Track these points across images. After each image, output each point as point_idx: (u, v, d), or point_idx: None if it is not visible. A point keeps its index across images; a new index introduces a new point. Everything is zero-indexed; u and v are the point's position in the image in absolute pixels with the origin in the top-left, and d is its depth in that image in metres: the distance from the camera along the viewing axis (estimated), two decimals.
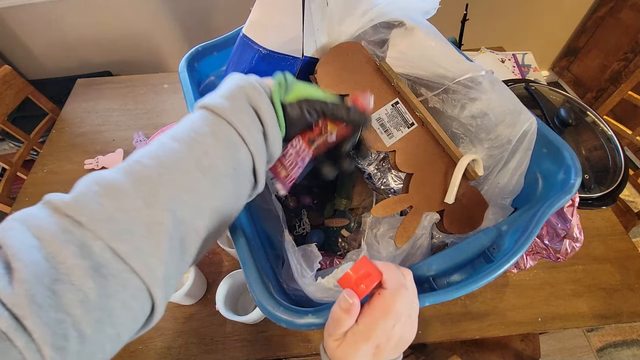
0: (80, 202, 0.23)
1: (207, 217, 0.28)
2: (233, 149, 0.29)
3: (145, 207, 0.24)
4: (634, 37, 1.66)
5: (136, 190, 0.24)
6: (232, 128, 0.29)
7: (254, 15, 0.46)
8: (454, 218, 0.47)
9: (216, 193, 0.28)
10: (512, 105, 0.46)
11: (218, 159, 0.28)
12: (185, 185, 0.26)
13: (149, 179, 0.25)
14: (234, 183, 0.30)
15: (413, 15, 0.50)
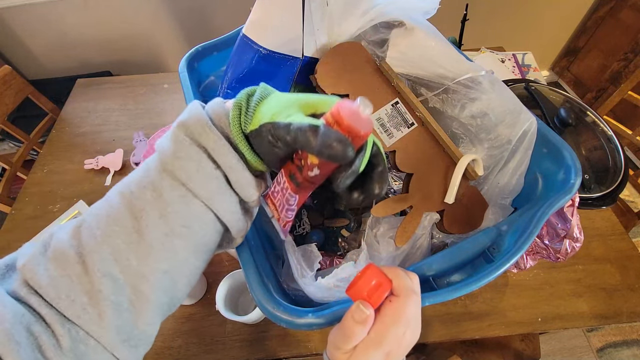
0: (29, 266, 0.24)
1: (154, 280, 0.26)
2: (180, 204, 0.26)
3: (84, 273, 0.24)
4: (634, 37, 1.66)
5: (77, 254, 0.24)
6: (175, 179, 0.26)
7: (254, 15, 0.46)
8: (454, 218, 0.47)
9: (160, 255, 0.26)
10: (512, 105, 0.46)
11: (159, 219, 0.25)
12: (122, 249, 0.25)
13: (88, 242, 0.25)
14: (189, 241, 0.27)
15: (413, 15, 0.50)
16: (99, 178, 0.87)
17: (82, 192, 0.84)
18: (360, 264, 0.40)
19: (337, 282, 0.38)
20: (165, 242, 0.26)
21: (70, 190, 0.85)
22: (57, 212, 0.80)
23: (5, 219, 0.81)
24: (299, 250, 0.42)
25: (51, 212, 0.81)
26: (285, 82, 0.50)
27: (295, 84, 0.50)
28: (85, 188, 0.86)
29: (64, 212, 0.79)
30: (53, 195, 0.84)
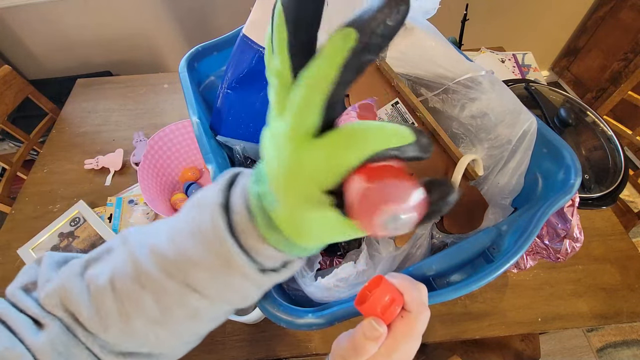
0: (72, 299, 0.25)
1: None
2: (206, 310, 0.26)
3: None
4: (634, 37, 1.66)
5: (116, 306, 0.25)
6: (210, 301, 0.25)
7: (254, 15, 0.46)
8: (454, 218, 0.47)
9: (174, 330, 0.27)
10: (512, 105, 0.46)
11: (180, 308, 0.25)
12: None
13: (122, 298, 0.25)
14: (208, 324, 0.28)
15: (413, 15, 0.50)
16: (99, 178, 0.87)
17: (82, 192, 0.85)
18: (360, 264, 0.40)
19: (337, 282, 0.38)
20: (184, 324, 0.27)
21: (70, 190, 0.85)
22: (57, 212, 0.80)
23: (5, 219, 0.81)
24: None
25: (51, 212, 0.81)
26: None
27: None
28: (85, 188, 0.86)
29: (64, 212, 0.79)
30: (53, 195, 0.84)
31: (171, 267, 0.24)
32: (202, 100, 0.54)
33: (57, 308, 0.25)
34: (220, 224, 0.22)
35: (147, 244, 0.26)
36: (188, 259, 0.23)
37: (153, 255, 0.25)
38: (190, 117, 0.48)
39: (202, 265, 0.23)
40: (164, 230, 0.26)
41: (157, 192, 0.75)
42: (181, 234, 0.24)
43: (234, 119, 0.50)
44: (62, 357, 0.23)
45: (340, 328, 0.29)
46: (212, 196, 0.24)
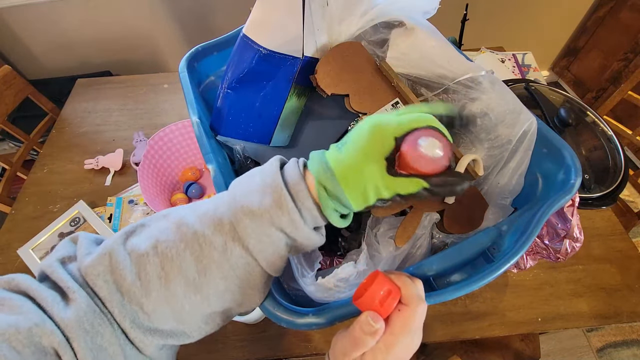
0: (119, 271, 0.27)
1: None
2: (240, 269, 0.28)
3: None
4: (634, 37, 1.66)
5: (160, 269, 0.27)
6: (248, 255, 0.28)
7: (254, 15, 0.46)
8: (454, 218, 0.47)
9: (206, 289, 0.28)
10: (512, 105, 0.46)
11: (217, 268, 0.28)
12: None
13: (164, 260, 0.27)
14: (233, 289, 0.29)
15: (413, 15, 0.50)
16: (99, 178, 0.87)
17: (82, 192, 0.85)
18: (360, 264, 0.40)
19: (337, 282, 0.38)
20: (218, 285, 0.28)
21: (70, 190, 0.85)
22: (57, 212, 0.80)
23: (5, 219, 0.81)
24: None
25: (51, 212, 0.81)
26: (285, 82, 0.50)
27: (295, 84, 0.50)
28: (85, 188, 0.86)
29: (64, 212, 0.79)
30: (53, 195, 0.84)
31: (221, 224, 0.27)
32: (202, 100, 0.54)
33: (99, 277, 0.26)
34: (278, 177, 0.28)
35: (194, 210, 0.29)
36: (241, 206, 0.27)
37: (200, 216, 0.28)
38: (190, 117, 0.48)
39: (252, 208, 0.27)
40: (209, 201, 0.30)
41: (157, 192, 0.75)
42: (238, 189, 0.29)
43: (234, 119, 0.50)
44: (88, 335, 0.24)
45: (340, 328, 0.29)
46: (270, 165, 0.30)
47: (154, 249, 0.27)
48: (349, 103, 0.48)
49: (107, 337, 0.25)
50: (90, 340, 0.24)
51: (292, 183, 0.28)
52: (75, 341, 0.23)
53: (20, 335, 0.21)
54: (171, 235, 0.27)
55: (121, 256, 0.27)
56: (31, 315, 0.23)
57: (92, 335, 0.24)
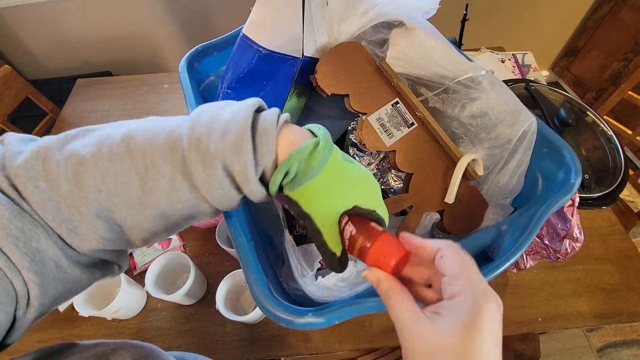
0: (21, 176, 0.24)
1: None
2: (187, 203, 0.27)
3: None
4: (634, 37, 1.66)
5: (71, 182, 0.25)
6: (196, 192, 0.26)
7: (254, 15, 0.46)
8: (454, 218, 0.47)
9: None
10: (512, 105, 0.46)
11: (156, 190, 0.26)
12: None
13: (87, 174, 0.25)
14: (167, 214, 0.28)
15: (413, 15, 0.50)
16: None
17: None
18: (360, 264, 0.40)
19: (337, 281, 0.38)
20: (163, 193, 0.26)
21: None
22: None
23: None
24: (299, 250, 0.42)
25: None
26: (285, 82, 0.50)
27: (295, 84, 0.50)
28: None
29: None
30: None
31: (173, 152, 0.25)
32: (202, 100, 0.54)
33: (30, 181, 0.23)
34: (248, 120, 0.26)
35: (148, 124, 0.27)
36: (197, 138, 0.25)
37: (153, 134, 0.26)
38: None
39: (208, 147, 0.25)
40: (167, 120, 0.27)
41: None
42: (203, 115, 0.27)
43: None
44: (19, 240, 0.22)
45: (341, 327, 0.29)
46: (247, 103, 0.27)
47: (94, 158, 0.25)
48: (349, 103, 0.48)
49: (44, 241, 0.24)
50: (23, 245, 0.22)
51: (261, 131, 0.26)
52: (5, 247, 0.22)
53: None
54: (116, 148, 0.25)
55: (56, 160, 0.24)
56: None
57: (24, 240, 0.23)
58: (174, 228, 0.30)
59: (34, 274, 0.23)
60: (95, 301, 0.60)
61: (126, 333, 0.62)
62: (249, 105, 0.27)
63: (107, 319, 0.63)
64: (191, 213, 0.29)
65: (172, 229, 0.30)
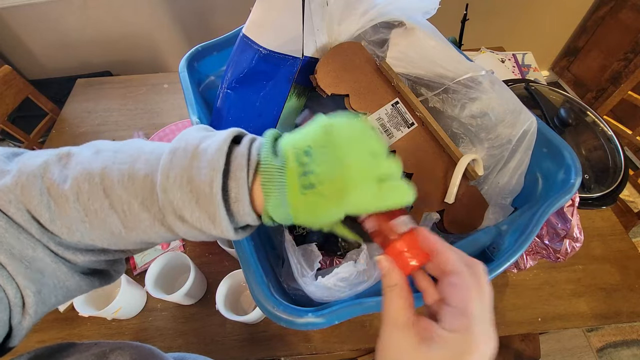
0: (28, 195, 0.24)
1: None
2: (168, 237, 0.27)
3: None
4: (634, 37, 1.66)
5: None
6: (175, 235, 0.27)
7: (254, 15, 0.46)
8: (454, 218, 0.47)
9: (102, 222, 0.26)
10: (512, 105, 0.46)
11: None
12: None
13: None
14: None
15: (413, 15, 0.50)
16: None
17: None
18: (360, 264, 0.40)
19: (337, 281, 0.38)
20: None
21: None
22: None
23: None
24: (299, 250, 0.42)
25: None
26: (285, 82, 0.50)
27: (295, 84, 0.50)
28: None
29: None
30: None
31: (151, 202, 0.25)
32: (202, 100, 0.54)
33: (11, 204, 0.23)
34: (217, 188, 0.24)
35: (126, 163, 0.25)
36: (171, 202, 0.24)
37: (130, 176, 0.25)
38: (190, 117, 0.48)
39: (185, 212, 0.24)
40: (144, 156, 0.26)
41: None
42: (172, 171, 0.24)
43: (234, 119, 0.50)
44: (14, 248, 0.23)
45: (341, 327, 0.29)
46: (213, 154, 0.24)
47: (74, 194, 0.24)
48: (348, 103, 0.48)
49: (40, 250, 0.24)
50: (19, 253, 0.23)
51: (232, 175, 0.25)
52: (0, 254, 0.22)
53: None
54: (95, 188, 0.25)
55: (36, 190, 0.24)
56: None
57: (19, 249, 0.23)
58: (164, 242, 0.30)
59: (30, 281, 0.23)
60: (96, 301, 0.60)
61: (126, 333, 0.62)
62: (219, 150, 0.25)
63: (107, 319, 0.63)
64: (170, 239, 0.29)
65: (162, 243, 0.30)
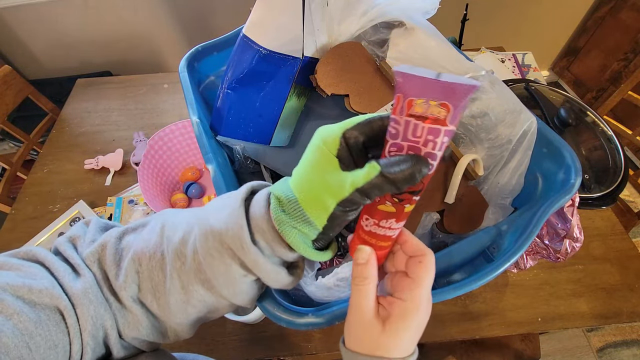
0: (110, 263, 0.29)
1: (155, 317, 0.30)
2: (204, 291, 0.28)
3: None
4: (634, 37, 1.66)
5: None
6: (202, 272, 0.27)
7: (254, 15, 0.46)
8: (454, 218, 0.47)
9: (173, 310, 0.29)
10: (512, 105, 0.46)
11: (181, 289, 0.28)
12: (152, 289, 0.29)
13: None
14: (201, 309, 0.30)
15: (413, 15, 0.50)
16: (99, 178, 0.87)
17: (82, 192, 0.85)
18: None
19: (337, 281, 0.38)
20: (180, 306, 0.29)
21: (70, 190, 0.85)
22: (57, 212, 0.80)
23: (5, 219, 0.81)
24: None
25: (51, 212, 0.81)
26: (286, 82, 0.50)
27: (295, 84, 0.50)
28: (85, 188, 0.86)
29: (64, 212, 0.79)
30: (53, 195, 0.84)
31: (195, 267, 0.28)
32: (202, 100, 0.54)
33: (95, 264, 0.29)
34: (245, 232, 0.26)
35: (175, 239, 0.29)
36: (200, 263, 0.27)
37: (178, 256, 0.28)
38: (190, 117, 0.48)
39: (218, 261, 0.26)
40: (196, 225, 0.28)
41: (157, 192, 0.75)
42: (207, 240, 0.27)
43: (234, 119, 0.50)
44: (92, 304, 0.27)
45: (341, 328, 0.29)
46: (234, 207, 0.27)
47: (138, 261, 0.29)
48: (348, 103, 0.48)
49: (109, 313, 0.28)
50: (94, 310, 0.27)
51: (255, 218, 0.26)
52: (79, 307, 0.26)
53: (32, 295, 0.24)
54: (157, 264, 0.29)
55: (111, 253, 0.29)
56: (44, 281, 0.26)
57: (95, 305, 0.27)
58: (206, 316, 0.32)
59: (92, 338, 0.26)
60: None
61: None
62: (238, 225, 0.26)
63: None
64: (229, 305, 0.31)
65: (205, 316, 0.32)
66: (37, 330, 0.23)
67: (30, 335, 0.23)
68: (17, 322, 0.23)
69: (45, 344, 0.24)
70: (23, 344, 0.22)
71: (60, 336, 0.25)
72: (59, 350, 0.25)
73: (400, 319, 0.24)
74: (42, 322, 0.24)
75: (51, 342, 0.24)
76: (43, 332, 0.24)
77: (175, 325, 0.30)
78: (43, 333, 0.24)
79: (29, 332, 0.23)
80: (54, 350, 0.24)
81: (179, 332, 0.31)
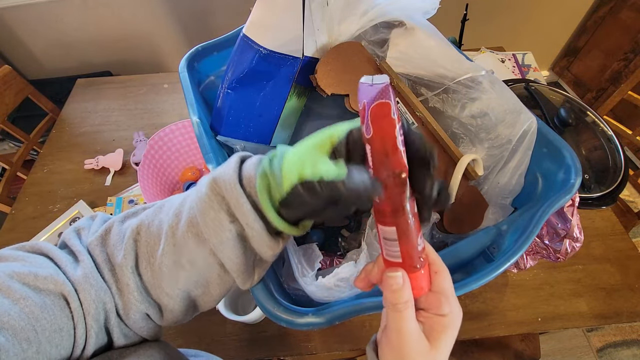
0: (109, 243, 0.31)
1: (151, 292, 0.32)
2: (192, 242, 0.29)
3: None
4: (634, 37, 1.66)
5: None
6: (194, 221, 0.28)
7: (254, 15, 0.46)
8: (454, 218, 0.47)
9: (165, 278, 0.30)
10: (512, 105, 0.46)
11: (173, 247, 0.29)
12: (145, 261, 0.31)
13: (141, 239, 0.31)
14: (190, 273, 0.30)
15: (413, 15, 0.50)
16: (99, 178, 0.87)
17: (82, 192, 0.85)
18: (360, 264, 0.40)
19: (337, 281, 0.38)
20: (171, 269, 0.30)
21: (70, 190, 0.85)
22: (57, 212, 0.80)
23: (5, 219, 0.81)
24: (300, 250, 0.42)
25: (51, 212, 0.81)
26: (286, 82, 0.50)
27: (295, 84, 0.50)
28: (85, 188, 0.86)
29: (64, 212, 0.79)
30: (53, 195, 0.84)
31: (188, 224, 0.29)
32: (202, 100, 0.54)
33: (97, 248, 0.30)
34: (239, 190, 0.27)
35: (176, 204, 0.31)
36: (197, 199, 0.29)
37: (176, 214, 0.30)
38: (190, 117, 0.48)
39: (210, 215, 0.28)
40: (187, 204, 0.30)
41: (157, 192, 0.75)
42: (201, 188, 0.29)
43: (234, 119, 0.50)
44: (92, 288, 0.28)
45: (341, 327, 0.29)
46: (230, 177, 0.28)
47: (136, 236, 0.31)
48: (349, 103, 0.48)
49: (108, 296, 0.29)
50: (95, 293, 0.28)
51: (246, 167, 0.29)
52: (81, 292, 0.27)
53: (38, 281, 0.26)
54: (152, 228, 0.31)
55: (115, 236, 0.31)
56: (49, 269, 0.27)
57: (96, 289, 0.28)
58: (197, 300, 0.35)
59: (95, 321, 0.28)
60: None
61: None
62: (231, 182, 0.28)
63: None
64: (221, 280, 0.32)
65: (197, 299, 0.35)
66: (42, 314, 0.25)
67: (36, 318, 0.24)
68: (23, 306, 0.24)
69: (51, 327, 0.25)
70: (30, 327, 0.24)
71: (65, 320, 0.26)
72: (64, 334, 0.26)
73: (443, 333, 0.25)
74: (47, 306, 0.25)
75: (56, 326, 0.25)
76: (48, 316, 0.25)
77: (166, 301, 0.31)
78: (48, 317, 0.25)
79: (35, 316, 0.24)
80: (59, 333, 0.25)
81: (172, 309, 0.32)
